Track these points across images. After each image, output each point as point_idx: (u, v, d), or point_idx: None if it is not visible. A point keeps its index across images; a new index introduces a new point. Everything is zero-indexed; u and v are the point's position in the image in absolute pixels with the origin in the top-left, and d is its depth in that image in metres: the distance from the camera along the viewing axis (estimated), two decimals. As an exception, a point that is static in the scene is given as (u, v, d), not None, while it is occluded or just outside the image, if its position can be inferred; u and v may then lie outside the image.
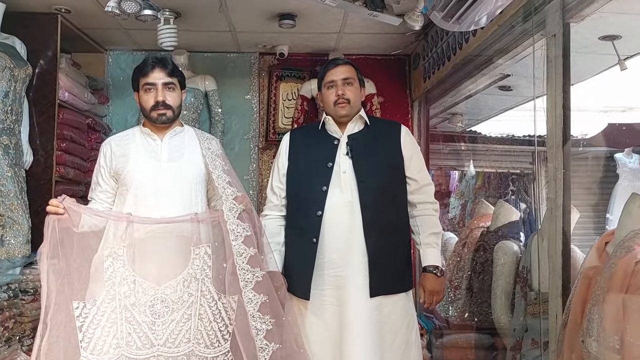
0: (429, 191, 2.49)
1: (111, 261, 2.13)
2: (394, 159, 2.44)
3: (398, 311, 2.36)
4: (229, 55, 4.43)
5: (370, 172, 2.37)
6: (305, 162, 2.47)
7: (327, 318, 2.33)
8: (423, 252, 2.45)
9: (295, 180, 2.47)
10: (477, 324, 3.54)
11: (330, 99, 2.44)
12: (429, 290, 2.41)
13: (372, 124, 2.48)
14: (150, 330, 2.11)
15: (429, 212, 2.46)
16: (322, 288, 2.34)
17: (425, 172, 2.51)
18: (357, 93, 2.47)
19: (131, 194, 2.29)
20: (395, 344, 2.33)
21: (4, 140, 2.87)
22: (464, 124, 5.56)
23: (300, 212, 2.42)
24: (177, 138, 2.41)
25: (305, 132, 2.71)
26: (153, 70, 2.32)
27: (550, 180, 2.31)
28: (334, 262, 2.33)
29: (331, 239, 2.34)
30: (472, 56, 3.17)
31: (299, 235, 2.41)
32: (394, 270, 2.37)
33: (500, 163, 5.67)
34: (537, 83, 2.44)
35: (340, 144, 2.43)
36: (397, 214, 2.43)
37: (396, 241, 2.40)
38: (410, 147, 2.49)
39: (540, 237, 2.43)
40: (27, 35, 3.26)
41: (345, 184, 2.36)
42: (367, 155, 2.40)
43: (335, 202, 2.35)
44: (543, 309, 2.42)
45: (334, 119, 2.46)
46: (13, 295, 2.77)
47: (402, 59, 4.44)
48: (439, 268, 2.42)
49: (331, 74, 2.45)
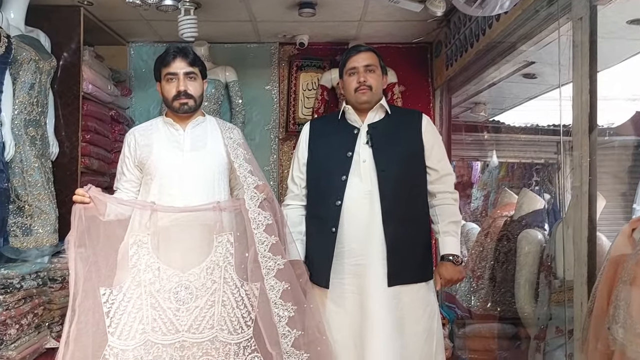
0: (449, 181, 2.47)
1: (136, 249, 2.16)
2: (415, 148, 2.43)
3: (419, 300, 2.35)
4: (249, 46, 4.43)
5: (390, 161, 2.36)
6: (325, 151, 2.46)
7: (347, 306, 2.33)
8: (441, 240, 2.44)
9: (315, 169, 2.48)
10: (500, 313, 3.52)
11: (351, 85, 2.42)
12: (446, 278, 2.39)
13: (393, 113, 2.47)
14: (175, 316, 2.14)
15: (448, 201, 2.44)
16: (342, 277, 2.35)
17: (445, 161, 2.49)
18: (379, 80, 2.45)
19: (155, 183, 2.32)
20: (417, 333, 2.33)
21: (30, 132, 2.92)
22: (486, 113, 5.49)
23: (320, 201, 2.42)
24: (200, 128, 2.43)
25: (325, 122, 2.70)
26: (174, 60, 2.34)
27: (576, 167, 2.28)
28: (353, 251, 2.34)
29: (350, 228, 2.34)
30: (496, 42, 3.12)
31: (318, 224, 2.41)
32: (413, 259, 2.36)
33: (524, 153, 5.60)
34: (563, 70, 2.40)
35: (360, 133, 2.42)
36: (417, 204, 2.42)
37: (415, 231, 2.39)
38: (431, 137, 2.47)
39: (566, 225, 2.40)
40: (51, 28, 3.30)
41: (365, 173, 2.36)
42: (388, 144, 2.39)
43: (354, 191, 2.35)
44: (568, 297, 2.40)
45: (355, 107, 2.45)
46: (42, 283, 2.84)
47: (424, 46, 4.40)
48: (457, 256, 2.40)
49: (353, 60, 2.43)
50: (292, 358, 2.13)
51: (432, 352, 2.36)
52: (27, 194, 2.86)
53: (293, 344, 2.13)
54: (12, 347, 2.55)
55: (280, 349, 2.11)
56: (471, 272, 3.82)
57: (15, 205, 2.83)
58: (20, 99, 2.89)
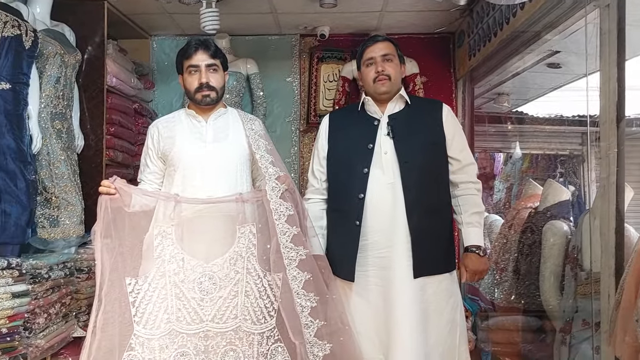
0: (471, 171, 2.45)
1: (160, 239, 2.19)
2: (436, 139, 2.40)
3: (442, 291, 2.34)
4: (270, 38, 4.43)
5: (412, 152, 2.34)
6: (345, 144, 2.45)
7: (371, 299, 2.33)
8: (465, 231, 2.41)
9: (336, 163, 2.46)
10: (524, 306, 3.49)
11: (369, 76, 2.41)
12: (471, 270, 2.38)
13: (413, 103, 2.44)
14: (199, 306, 2.16)
15: (471, 191, 2.42)
16: (366, 269, 2.34)
17: (467, 151, 2.47)
18: (397, 70, 2.43)
19: (178, 174, 2.34)
20: (441, 324, 2.32)
21: (56, 125, 2.97)
22: (510, 104, 5.42)
23: (342, 195, 2.41)
24: (222, 119, 2.44)
25: (345, 114, 2.68)
26: (196, 53, 2.35)
27: (603, 158, 2.24)
28: (377, 244, 2.32)
29: (374, 220, 2.33)
30: (520, 32, 3.08)
31: (341, 218, 2.40)
32: (437, 250, 2.35)
33: (548, 144, 5.52)
34: (589, 59, 2.36)
35: (380, 125, 2.40)
36: (440, 194, 2.40)
37: (439, 222, 2.37)
38: (452, 126, 2.44)
39: (592, 216, 2.36)
40: (76, 22, 3.33)
41: (387, 165, 2.34)
42: (409, 135, 2.36)
43: (377, 183, 2.33)
44: (594, 289, 2.36)
45: (374, 98, 2.43)
46: (69, 273, 2.88)
47: (446, 36, 4.35)
48: (481, 248, 2.38)
49: (370, 50, 2.42)
50: (315, 348, 2.14)
51: (455, 343, 2.35)
52: (54, 186, 2.91)
53: (316, 334, 2.14)
54: (40, 336, 2.60)
55: (303, 339, 2.13)
56: (494, 264, 3.79)
57: (43, 197, 2.88)
58: (47, 93, 2.93)
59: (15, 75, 2.60)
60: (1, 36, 2.53)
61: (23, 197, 2.56)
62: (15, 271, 2.44)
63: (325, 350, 2.15)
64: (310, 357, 2.13)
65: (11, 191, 2.51)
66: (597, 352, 2.34)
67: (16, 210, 2.52)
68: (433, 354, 2.29)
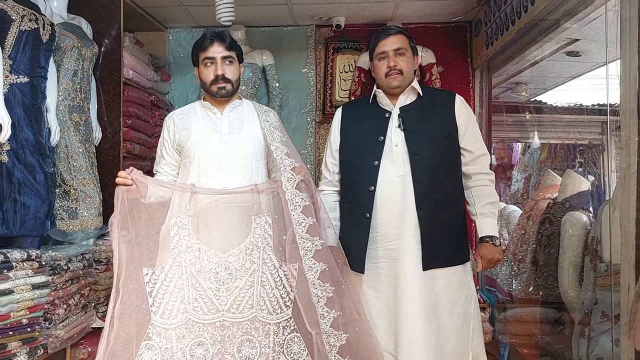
0: (484, 162, 2.43)
1: (177, 230, 2.20)
2: (448, 130, 2.38)
3: (455, 284, 2.33)
4: (285, 29, 4.42)
5: (422, 144, 2.32)
6: (356, 136, 2.45)
7: (382, 290, 2.33)
8: (479, 222, 2.40)
9: (348, 155, 2.46)
10: (542, 297, 3.46)
11: (381, 70, 2.39)
12: (487, 258, 2.36)
13: (425, 95, 2.42)
14: (215, 296, 2.17)
15: (484, 182, 2.40)
16: (377, 261, 2.34)
17: (480, 142, 2.45)
18: (410, 63, 2.41)
19: (194, 165, 2.35)
20: (454, 316, 2.31)
21: (74, 118, 3.00)
22: (528, 93, 5.35)
23: (353, 187, 2.41)
24: (237, 111, 2.44)
25: (357, 106, 2.67)
26: (212, 45, 2.35)
27: (623, 148, 2.19)
28: (387, 236, 2.32)
29: (384, 213, 2.32)
30: (538, 20, 3.03)
31: (353, 210, 2.41)
32: (448, 242, 2.33)
33: (567, 134, 5.45)
34: (610, 46, 2.31)
35: (392, 117, 2.39)
36: (451, 186, 2.38)
37: (450, 213, 2.36)
38: (465, 117, 2.42)
39: (612, 207, 2.32)
40: (93, 16, 3.36)
41: (397, 157, 2.33)
42: (420, 127, 2.35)
43: (387, 176, 2.33)
44: (614, 281, 2.33)
45: (385, 91, 2.42)
46: (88, 265, 2.92)
47: (463, 25, 4.30)
48: (495, 237, 2.37)
49: (382, 44, 2.40)
50: (331, 338, 2.15)
51: (468, 335, 2.34)
52: (72, 178, 2.94)
53: (332, 324, 2.14)
54: (60, 327, 2.64)
55: (319, 329, 2.13)
56: (512, 255, 3.76)
57: (61, 189, 2.92)
58: (64, 86, 2.96)
59: (33, 68, 2.63)
60: (19, 30, 2.56)
61: (42, 189, 2.59)
62: (35, 263, 2.48)
63: (342, 341, 2.16)
64: (326, 347, 2.14)
65: (30, 184, 2.55)
66: (616, 345, 2.32)
67: (35, 203, 2.56)
68: (445, 347, 2.28)
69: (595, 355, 2.60)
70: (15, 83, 2.56)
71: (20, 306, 2.37)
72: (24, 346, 2.38)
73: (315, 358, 2.11)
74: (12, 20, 2.54)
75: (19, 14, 2.56)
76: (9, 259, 2.35)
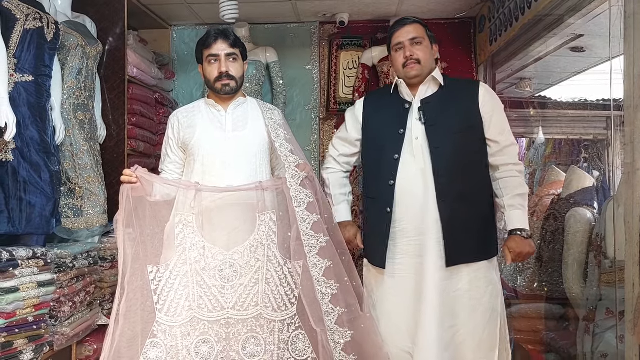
0: (512, 152, 2.34)
1: (182, 228, 2.21)
2: (471, 121, 2.31)
3: (480, 280, 2.27)
4: (289, 26, 4.42)
5: (444, 138, 2.27)
6: (377, 128, 2.41)
7: (402, 287, 2.29)
8: (508, 215, 2.31)
9: (369, 148, 2.43)
10: (547, 293, 3.46)
11: (399, 61, 2.35)
12: (516, 252, 2.28)
13: (447, 85, 2.35)
14: (220, 293, 2.18)
15: (512, 173, 2.32)
16: (397, 257, 2.31)
17: (507, 132, 2.35)
18: (428, 52, 2.35)
19: (198, 163, 2.35)
20: (478, 313, 2.25)
21: (79, 116, 3.00)
22: (532, 89, 5.33)
23: (374, 181, 2.38)
24: (241, 109, 2.45)
25: (378, 97, 2.59)
26: (216, 42, 2.35)
27: (628, 143, 2.19)
28: (407, 231, 2.29)
29: (404, 207, 2.29)
30: (542, 15, 3.02)
31: (374, 205, 2.38)
32: (472, 237, 2.26)
33: (572, 129, 5.42)
34: (614, 42, 2.30)
35: (412, 109, 2.34)
36: (476, 179, 2.32)
37: (475, 207, 2.29)
38: (490, 107, 2.34)
39: (616, 203, 2.32)
40: (97, 14, 3.37)
41: (418, 150, 2.29)
42: (441, 119, 2.29)
43: (407, 170, 2.29)
44: (619, 278, 2.33)
45: (405, 81, 2.37)
46: (93, 262, 2.93)
47: (467, 22, 4.29)
48: (525, 230, 2.28)
49: (398, 35, 2.36)
50: (336, 335, 2.15)
51: (496, 332, 2.27)
52: (77, 176, 2.95)
53: (336, 321, 2.14)
54: (66, 324, 2.65)
55: (324, 326, 2.13)
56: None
57: (67, 187, 2.93)
58: (69, 84, 2.97)
59: (37, 67, 2.63)
60: (23, 29, 2.56)
61: (47, 188, 2.60)
62: (41, 261, 2.49)
63: (346, 338, 2.15)
64: (331, 344, 2.14)
65: (35, 182, 2.56)
66: (621, 341, 2.31)
67: (40, 201, 2.56)
68: (465, 344, 2.23)
69: (600, 351, 2.60)
70: (20, 82, 2.57)
71: (26, 304, 2.38)
72: (30, 343, 2.39)
73: (320, 355, 2.12)
74: (17, 19, 2.54)
75: (23, 12, 2.57)
76: (14, 257, 2.36)
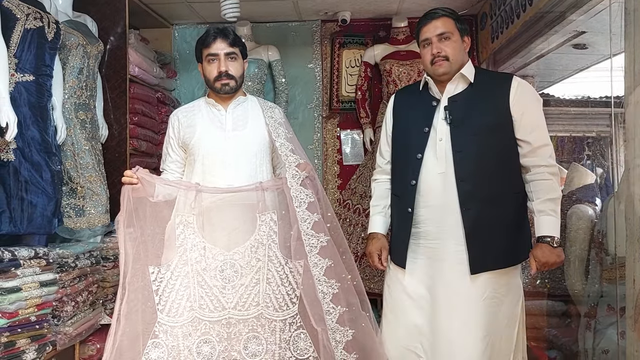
0: (544, 153, 2.19)
1: (182, 228, 2.21)
2: (500, 120, 2.19)
3: (502, 285, 2.18)
4: (290, 25, 4.42)
5: (468, 140, 2.17)
6: (404, 125, 2.34)
7: (416, 288, 2.24)
8: (537, 220, 2.19)
9: (395, 145, 2.38)
10: (549, 290, 3.44)
11: (426, 58, 2.24)
12: (541, 261, 2.16)
13: (477, 81, 2.23)
14: (221, 294, 2.18)
15: (544, 176, 2.18)
16: (418, 258, 2.26)
17: (540, 131, 2.21)
18: (458, 47, 2.22)
19: (199, 163, 2.35)
20: (499, 318, 2.18)
21: (80, 115, 3.01)
22: (535, 86, 5.32)
23: (399, 180, 2.34)
24: (241, 107, 2.44)
25: (409, 92, 2.49)
26: (215, 41, 2.35)
27: (629, 140, 2.18)
28: (428, 234, 2.23)
29: (425, 210, 2.22)
30: (543, 12, 3.01)
31: (398, 203, 2.33)
32: (500, 244, 2.17)
33: (575, 126, 5.41)
34: (614, 39, 2.29)
35: (439, 107, 2.25)
36: (503, 182, 2.20)
37: (502, 212, 2.18)
38: (521, 104, 2.19)
39: (617, 200, 2.31)
40: (98, 13, 3.38)
41: (441, 152, 2.19)
42: (467, 120, 2.18)
43: (429, 171, 2.21)
44: (620, 274, 2.32)
45: (433, 78, 2.28)
46: (95, 262, 2.94)
47: (468, 19, 4.26)
48: (554, 238, 2.16)
49: (425, 30, 2.24)
50: (337, 334, 2.14)
51: (512, 337, 2.21)
52: (79, 176, 2.96)
53: (337, 320, 2.13)
54: (68, 324, 2.66)
55: (325, 326, 2.12)
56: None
57: (68, 187, 2.94)
58: (70, 84, 2.97)
59: (38, 67, 2.64)
60: (24, 28, 2.57)
61: (49, 188, 2.61)
62: (43, 260, 2.50)
63: (347, 337, 2.14)
64: (332, 343, 2.13)
65: (37, 182, 2.56)
66: (622, 338, 2.31)
67: (42, 201, 2.57)
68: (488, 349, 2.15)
69: (601, 347, 2.60)
70: (21, 81, 2.58)
71: (29, 304, 2.39)
72: (33, 343, 2.41)
73: (322, 354, 2.12)
74: (17, 19, 2.55)
75: (24, 12, 2.57)
76: (16, 256, 2.37)
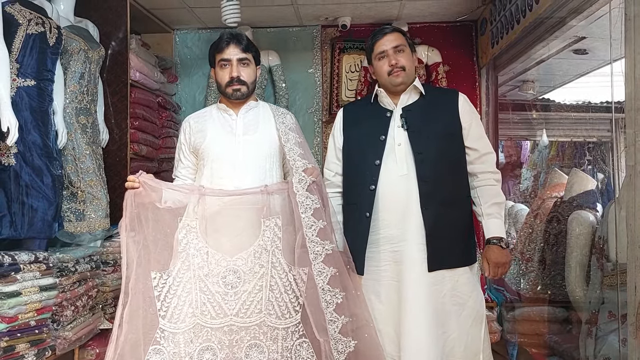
0: (490, 160, 2.38)
1: (185, 233, 2.19)
2: (452, 128, 2.35)
3: (463, 285, 2.29)
4: (291, 30, 4.43)
5: (427, 143, 2.29)
6: (358, 136, 2.42)
7: (385, 295, 2.29)
8: (485, 223, 2.35)
9: (349, 155, 2.44)
10: (550, 296, 3.44)
11: (383, 69, 2.36)
12: (493, 262, 2.32)
13: (427, 94, 2.40)
14: (224, 300, 2.16)
15: (489, 182, 2.35)
16: (378, 264, 2.31)
17: (485, 140, 2.41)
18: (410, 59, 2.38)
19: (207, 167, 2.34)
20: (462, 318, 2.28)
21: (81, 120, 3.01)
22: (535, 91, 5.33)
23: (354, 187, 2.39)
24: (252, 113, 2.43)
25: (358, 106, 2.65)
26: (228, 46, 2.34)
27: (629, 146, 2.18)
28: (390, 238, 2.29)
29: (386, 213, 2.29)
30: (543, 18, 3.01)
31: (353, 210, 2.37)
32: (454, 243, 2.29)
33: (575, 132, 5.42)
34: (615, 44, 2.29)
35: (393, 116, 2.37)
36: (457, 186, 2.35)
37: (457, 213, 2.31)
38: (469, 115, 2.38)
39: (618, 206, 2.31)
40: (100, 18, 3.38)
41: (400, 156, 2.30)
42: (424, 126, 2.32)
43: (389, 175, 2.30)
44: (621, 281, 2.32)
45: (388, 89, 2.39)
46: (95, 266, 2.93)
47: (468, 24, 4.29)
48: (503, 239, 2.32)
49: (380, 44, 2.38)
50: (339, 344, 2.10)
51: (480, 336, 2.30)
52: (80, 180, 2.96)
53: (340, 330, 2.10)
54: (68, 328, 2.65)
55: (327, 335, 2.09)
56: (520, 254, 3.75)
57: (69, 191, 2.94)
58: (71, 89, 2.98)
59: (39, 72, 2.64)
60: (26, 34, 2.57)
61: (49, 192, 2.60)
62: (43, 265, 2.49)
63: (350, 347, 2.11)
64: (334, 353, 2.10)
65: (37, 187, 2.56)
66: (623, 345, 2.30)
67: (43, 205, 2.57)
68: (454, 350, 2.25)
69: (602, 354, 2.59)
70: (23, 86, 2.58)
71: (28, 308, 2.38)
72: (32, 348, 2.40)
73: (324, 364, 2.09)
74: (19, 24, 2.55)
75: (25, 17, 2.57)
76: (16, 261, 2.36)
